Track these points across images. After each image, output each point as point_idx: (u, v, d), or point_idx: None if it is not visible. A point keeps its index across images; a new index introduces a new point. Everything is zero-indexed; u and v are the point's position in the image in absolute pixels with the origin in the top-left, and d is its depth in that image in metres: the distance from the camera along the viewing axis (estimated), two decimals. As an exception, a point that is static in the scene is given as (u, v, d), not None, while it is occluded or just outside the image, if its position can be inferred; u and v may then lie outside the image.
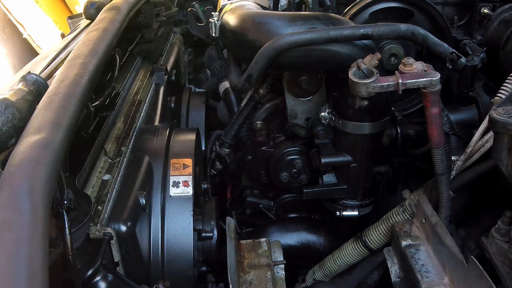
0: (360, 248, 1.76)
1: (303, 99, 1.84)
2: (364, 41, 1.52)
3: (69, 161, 1.21)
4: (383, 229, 1.69)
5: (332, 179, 1.80)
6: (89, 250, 1.10)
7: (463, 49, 1.84)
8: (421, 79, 1.30)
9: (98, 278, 1.10)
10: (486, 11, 1.98)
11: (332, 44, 1.48)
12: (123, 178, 1.37)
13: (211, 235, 1.53)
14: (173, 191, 1.42)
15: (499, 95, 1.41)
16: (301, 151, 1.95)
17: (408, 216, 1.64)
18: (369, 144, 1.69)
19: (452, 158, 1.60)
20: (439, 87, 1.32)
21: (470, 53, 1.78)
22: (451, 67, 1.48)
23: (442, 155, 1.40)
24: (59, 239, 0.97)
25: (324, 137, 1.76)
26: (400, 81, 1.30)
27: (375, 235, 1.71)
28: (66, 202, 0.98)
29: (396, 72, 1.34)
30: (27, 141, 0.87)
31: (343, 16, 1.72)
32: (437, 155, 1.40)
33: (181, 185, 1.43)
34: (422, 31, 1.45)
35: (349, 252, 1.79)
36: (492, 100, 1.41)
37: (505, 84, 1.44)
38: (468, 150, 1.57)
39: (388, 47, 1.67)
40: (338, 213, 1.85)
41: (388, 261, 1.53)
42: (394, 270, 1.50)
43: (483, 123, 1.54)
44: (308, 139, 1.91)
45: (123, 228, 1.20)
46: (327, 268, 1.87)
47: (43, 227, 0.73)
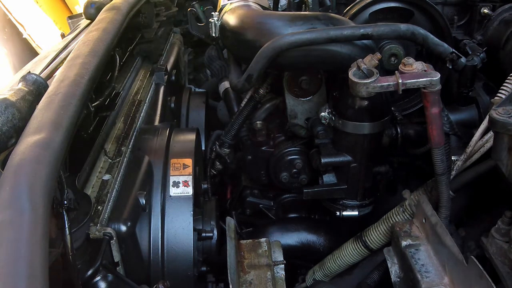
0: (360, 248, 1.76)
1: (303, 99, 1.84)
2: (364, 41, 1.52)
3: (69, 161, 1.21)
4: (383, 229, 1.69)
5: (332, 179, 1.80)
6: (89, 250, 1.10)
7: (463, 49, 1.84)
8: (421, 79, 1.30)
9: (98, 278, 1.10)
10: (486, 11, 1.98)
11: (332, 44, 1.48)
12: (123, 178, 1.36)
13: (211, 235, 1.53)
14: (173, 191, 1.42)
15: (499, 95, 1.41)
16: (301, 151, 1.95)
17: (408, 216, 1.64)
18: (369, 144, 1.69)
19: (452, 158, 1.60)
20: (439, 87, 1.32)
21: (470, 53, 1.78)
22: (451, 67, 1.48)
23: (442, 155, 1.40)
24: (59, 239, 0.97)
25: (324, 137, 1.76)
26: (400, 81, 1.30)
27: (375, 235, 1.71)
28: (66, 202, 0.98)
29: (396, 72, 1.34)
30: (27, 141, 0.87)
31: (343, 16, 1.72)
32: (437, 155, 1.40)
33: (181, 185, 1.43)
34: (422, 31, 1.45)
35: (349, 252, 1.79)
36: (492, 100, 1.41)
37: (505, 84, 1.44)
38: (468, 150, 1.57)
39: (388, 47, 1.67)
40: (338, 213, 1.85)
41: (388, 261, 1.53)
42: (394, 270, 1.50)
43: (483, 123, 1.54)
44: (308, 139, 1.91)
45: (123, 228, 1.20)
46: (327, 268, 1.87)
47: (43, 227, 0.73)
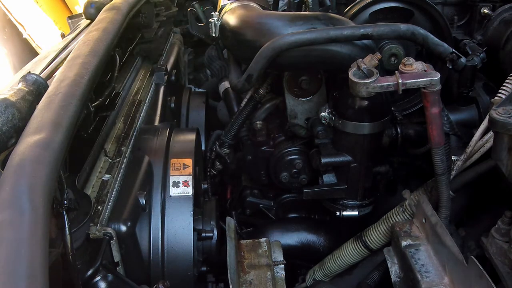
0: (360, 248, 1.76)
1: (303, 99, 1.84)
2: (364, 41, 1.52)
3: (69, 161, 1.21)
4: (383, 229, 1.69)
5: (332, 179, 1.80)
6: (89, 250, 1.10)
7: (463, 49, 1.84)
8: (421, 79, 1.30)
9: (98, 278, 1.10)
10: (486, 11, 1.97)
11: (332, 44, 1.48)
12: (123, 178, 1.36)
13: (211, 235, 1.53)
14: (173, 191, 1.42)
15: (499, 95, 1.41)
16: (301, 151, 1.95)
17: (408, 216, 1.64)
18: (369, 144, 1.69)
19: (452, 158, 1.60)
20: (439, 87, 1.32)
21: (470, 53, 1.78)
22: (451, 67, 1.48)
23: (442, 155, 1.40)
24: (59, 239, 0.97)
25: (324, 137, 1.76)
26: (400, 81, 1.30)
27: (375, 235, 1.71)
28: (66, 202, 0.98)
29: (396, 72, 1.34)
30: (27, 141, 0.87)
31: (343, 16, 1.72)
32: (437, 155, 1.40)
33: (181, 185, 1.43)
34: (422, 31, 1.45)
35: (349, 252, 1.79)
36: (492, 100, 1.41)
37: (505, 84, 1.44)
38: (468, 150, 1.57)
39: (388, 47, 1.67)
40: (338, 213, 1.85)
41: (388, 261, 1.53)
42: (394, 270, 1.50)
43: (483, 123, 1.54)
44: (308, 139, 1.91)
45: (123, 228, 1.20)
46: (327, 268, 1.87)
47: (43, 227, 0.73)
